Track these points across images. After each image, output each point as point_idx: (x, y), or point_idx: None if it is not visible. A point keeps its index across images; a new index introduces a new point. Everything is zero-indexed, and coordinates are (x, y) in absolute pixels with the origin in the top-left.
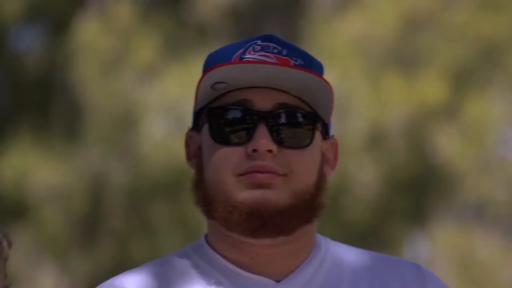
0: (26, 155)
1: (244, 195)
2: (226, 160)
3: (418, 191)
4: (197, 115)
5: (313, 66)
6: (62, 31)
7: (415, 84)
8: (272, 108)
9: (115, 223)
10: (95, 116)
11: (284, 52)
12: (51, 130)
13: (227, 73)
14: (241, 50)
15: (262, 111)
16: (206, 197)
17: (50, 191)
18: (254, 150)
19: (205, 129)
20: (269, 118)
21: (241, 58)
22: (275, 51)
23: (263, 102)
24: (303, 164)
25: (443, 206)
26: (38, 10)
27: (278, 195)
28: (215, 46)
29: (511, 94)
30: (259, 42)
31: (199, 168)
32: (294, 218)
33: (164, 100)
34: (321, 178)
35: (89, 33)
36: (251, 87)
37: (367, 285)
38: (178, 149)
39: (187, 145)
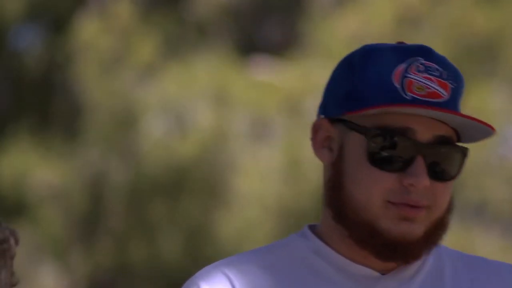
0: (26, 154)
1: (391, 225)
2: (379, 184)
3: None
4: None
5: (461, 82)
6: (62, 30)
7: None
8: (431, 140)
9: (115, 222)
10: (95, 116)
11: (444, 75)
12: (51, 129)
13: None
14: (404, 66)
15: (422, 143)
16: (344, 207)
17: (50, 190)
18: (411, 184)
19: (357, 141)
20: (427, 151)
21: (404, 76)
22: (437, 73)
23: (424, 133)
24: (446, 196)
25: None
26: (39, 10)
27: (420, 228)
28: (215, 45)
29: (509, 90)
30: (421, 60)
31: (339, 172)
32: (427, 244)
33: (164, 99)
34: (451, 200)
35: (89, 33)
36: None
37: (467, 285)
38: (178, 148)
39: (315, 131)
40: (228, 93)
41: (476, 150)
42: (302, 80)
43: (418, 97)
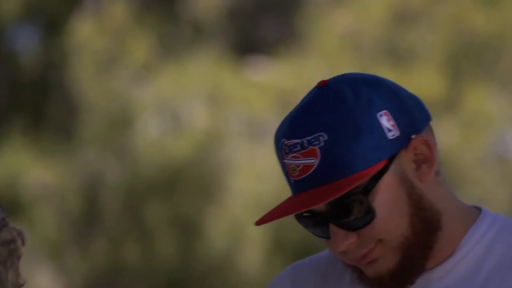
0: (21, 155)
1: (364, 269)
2: (330, 249)
3: None
4: None
5: (325, 132)
6: (57, 31)
7: (409, 77)
8: (328, 207)
9: (110, 222)
10: (90, 116)
11: (305, 143)
12: (46, 129)
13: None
14: (279, 152)
15: (323, 212)
16: None
17: (45, 190)
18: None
19: None
20: (332, 217)
21: (283, 162)
22: (298, 147)
23: (320, 207)
24: (388, 227)
25: None
26: (34, 10)
27: (387, 260)
28: (210, 45)
29: (508, 89)
30: (285, 141)
31: None
32: (411, 270)
33: (159, 99)
34: (416, 210)
35: (84, 33)
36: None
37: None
38: (173, 148)
39: None
40: (223, 93)
41: (474, 151)
42: (297, 79)
43: (296, 179)
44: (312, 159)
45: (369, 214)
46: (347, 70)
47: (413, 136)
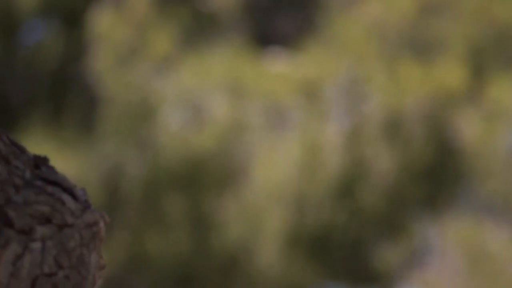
0: (41, 147)
1: None
2: None
3: (433, 180)
4: None
5: None
6: (78, 23)
7: (432, 69)
8: None
9: (131, 214)
10: (111, 108)
11: None
12: (67, 122)
13: None
14: None
15: None
16: None
17: None
18: None
19: None
20: None
21: None
22: None
23: None
24: None
25: (457, 196)
26: (53, 2)
27: None
28: (231, 36)
29: None
30: None
31: None
32: None
33: (180, 91)
34: None
35: (105, 25)
36: None
37: None
38: (195, 140)
39: None
40: (244, 85)
41: (487, 142)
42: (317, 70)
43: None
44: None
45: None
46: (370, 60)
47: None
